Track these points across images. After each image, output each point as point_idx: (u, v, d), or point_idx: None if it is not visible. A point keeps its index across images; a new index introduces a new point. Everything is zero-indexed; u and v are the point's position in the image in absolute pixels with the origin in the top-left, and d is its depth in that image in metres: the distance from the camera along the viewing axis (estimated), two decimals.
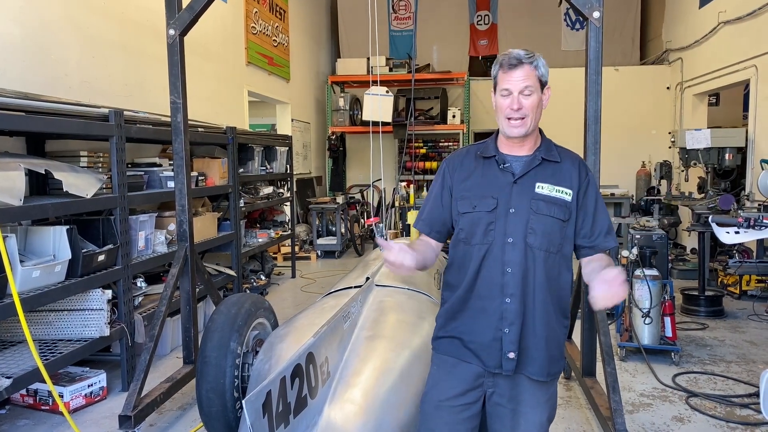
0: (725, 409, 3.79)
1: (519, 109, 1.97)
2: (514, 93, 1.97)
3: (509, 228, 1.98)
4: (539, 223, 1.98)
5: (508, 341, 1.98)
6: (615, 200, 10.00)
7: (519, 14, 12.28)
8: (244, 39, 8.18)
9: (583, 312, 3.69)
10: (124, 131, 3.97)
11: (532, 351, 2.01)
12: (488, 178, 2.06)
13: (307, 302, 6.11)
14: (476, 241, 2.02)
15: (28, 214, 3.22)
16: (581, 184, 2.05)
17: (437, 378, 2.12)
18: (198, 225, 4.88)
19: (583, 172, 2.07)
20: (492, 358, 2.01)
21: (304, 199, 10.37)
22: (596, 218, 2.06)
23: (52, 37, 4.43)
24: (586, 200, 2.06)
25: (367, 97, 9.78)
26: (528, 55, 1.99)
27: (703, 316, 5.79)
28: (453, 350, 2.09)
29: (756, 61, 7.05)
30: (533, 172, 2.03)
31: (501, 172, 2.04)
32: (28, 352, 3.32)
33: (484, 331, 2.02)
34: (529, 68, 1.97)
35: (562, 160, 2.07)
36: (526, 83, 1.96)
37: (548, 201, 2.00)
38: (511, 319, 1.98)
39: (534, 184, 2.01)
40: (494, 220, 2.00)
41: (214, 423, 2.98)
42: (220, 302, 3.34)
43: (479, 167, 2.09)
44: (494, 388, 2.05)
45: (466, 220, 2.05)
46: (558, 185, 2.02)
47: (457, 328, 2.08)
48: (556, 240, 2.00)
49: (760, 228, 4.89)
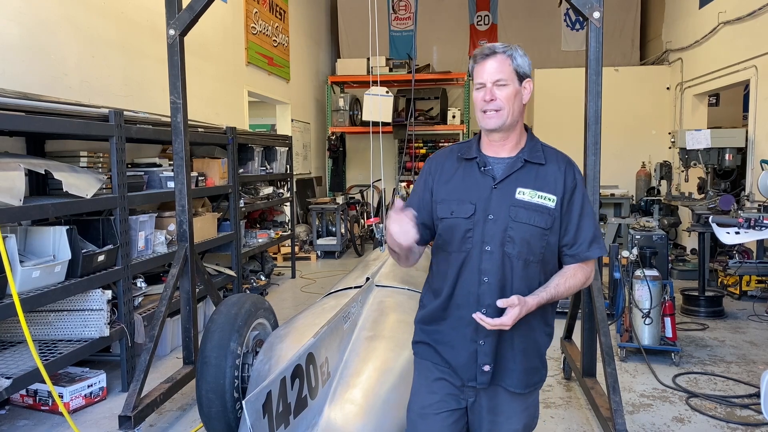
0: (725, 409, 3.78)
1: (492, 101, 1.86)
2: (488, 84, 1.87)
3: (487, 235, 1.87)
4: (518, 231, 1.86)
5: (483, 353, 1.89)
6: (615, 200, 9.99)
7: (519, 14, 12.28)
8: (244, 39, 8.18)
9: (583, 312, 3.69)
10: (124, 131, 3.97)
11: (509, 363, 1.93)
12: (468, 181, 1.94)
13: (307, 302, 6.11)
14: (453, 248, 1.92)
15: (28, 215, 3.22)
16: (566, 188, 1.92)
17: (418, 385, 2.05)
18: (198, 225, 4.88)
19: (569, 176, 1.94)
20: (467, 370, 1.92)
21: (304, 200, 10.37)
22: (581, 225, 1.92)
23: (51, 37, 4.43)
24: (572, 206, 1.92)
25: (367, 97, 9.79)
26: (504, 46, 1.90)
27: (703, 317, 5.79)
28: (431, 356, 2.01)
29: (756, 61, 7.05)
30: (515, 176, 1.90)
31: (481, 175, 1.92)
32: (28, 353, 3.32)
33: (459, 343, 1.93)
34: (503, 58, 1.87)
35: (548, 162, 1.94)
36: (500, 75, 1.86)
37: (528, 208, 1.87)
38: (487, 331, 1.86)
39: (515, 190, 1.89)
40: (472, 227, 1.88)
41: (214, 423, 2.98)
42: (220, 302, 3.34)
43: (460, 169, 1.97)
44: (475, 397, 1.97)
45: (444, 225, 1.94)
46: (541, 190, 1.89)
47: (432, 335, 2.00)
48: (536, 249, 1.88)
49: (760, 228, 4.88)
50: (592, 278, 2.06)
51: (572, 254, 1.94)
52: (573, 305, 4.07)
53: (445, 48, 12.56)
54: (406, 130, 9.89)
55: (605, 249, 2.05)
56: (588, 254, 1.93)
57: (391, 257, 2.07)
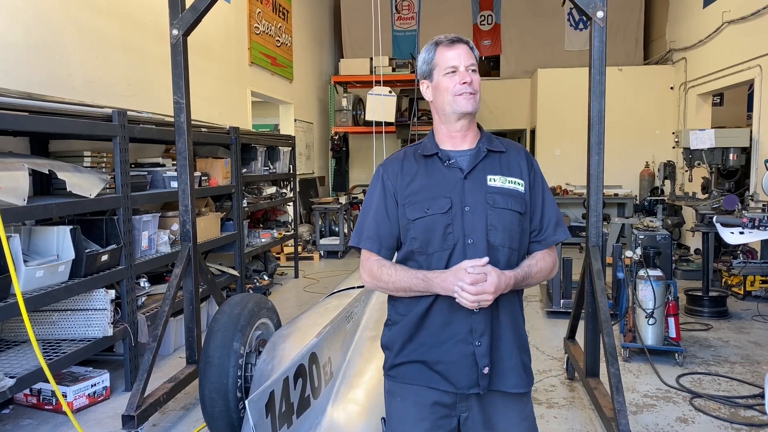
0: (729, 410, 3.77)
1: (471, 83, 1.82)
2: (461, 68, 1.83)
3: (467, 228, 1.79)
4: (498, 218, 1.80)
5: (481, 355, 1.78)
6: (618, 200, 9.98)
7: (522, 14, 12.25)
8: (247, 39, 8.19)
9: (586, 312, 3.68)
10: (127, 131, 3.98)
11: (507, 361, 1.83)
12: (435, 177, 1.85)
13: (310, 302, 6.11)
14: (434, 248, 1.80)
15: (31, 214, 3.23)
16: (530, 173, 1.90)
17: (403, 412, 1.87)
18: (201, 225, 4.89)
19: (530, 162, 1.92)
20: (465, 377, 1.79)
21: (307, 200, 10.38)
22: (545, 210, 1.91)
23: (55, 37, 4.44)
24: (535, 191, 1.89)
25: (370, 97, 9.78)
26: (463, 36, 1.89)
27: (707, 317, 5.77)
28: (417, 377, 1.84)
29: (760, 60, 7.02)
30: (481, 165, 1.85)
31: (447, 169, 1.85)
32: (32, 352, 3.33)
33: (451, 348, 1.80)
34: (468, 48, 1.87)
35: (508, 150, 1.91)
36: (471, 59, 1.85)
37: (503, 193, 1.83)
38: (482, 330, 1.78)
39: (485, 177, 1.84)
40: (451, 222, 1.80)
41: (217, 423, 2.98)
42: (223, 302, 3.34)
43: (422, 168, 1.88)
44: (468, 411, 1.84)
45: (419, 226, 1.81)
46: (509, 176, 1.86)
47: (417, 350, 1.84)
48: (516, 235, 1.83)
49: (764, 228, 4.87)
50: (557, 266, 2.00)
51: (539, 240, 1.91)
52: (576, 305, 4.06)
53: None
54: (409, 129, 9.90)
55: (568, 232, 1.98)
56: (555, 238, 1.91)
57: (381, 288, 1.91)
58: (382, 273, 1.83)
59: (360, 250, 1.92)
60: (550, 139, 10.87)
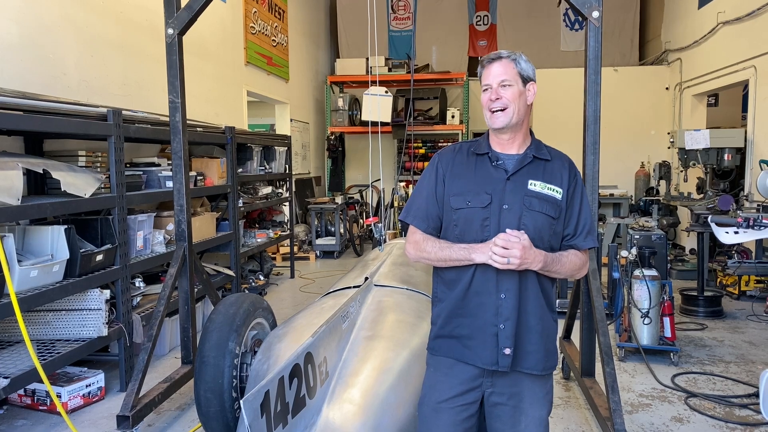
0: (724, 409, 3.78)
1: (498, 99, 2.02)
2: (493, 85, 2.04)
3: (503, 224, 2.00)
4: (531, 219, 2.01)
5: (504, 337, 2.00)
6: (614, 200, 10.00)
7: (518, 15, 12.28)
8: (243, 39, 8.18)
9: (582, 312, 3.69)
10: (122, 131, 3.97)
11: (528, 345, 2.03)
12: (481, 174, 2.08)
13: (305, 302, 6.10)
14: (471, 237, 2.03)
15: (26, 214, 3.21)
16: (570, 183, 2.10)
17: (434, 380, 2.13)
18: (196, 225, 4.88)
19: (572, 172, 2.13)
20: (488, 355, 2.02)
21: (303, 200, 10.37)
22: (580, 218, 2.11)
23: (50, 36, 4.43)
24: (574, 200, 2.10)
25: (366, 97, 9.78)
26: (509, 53, 2.07)
27: (702, 317, 5.79)
28: (451, 351, 2.09)
29: (755, 61, 7.05)
30: (525, 169, 2.07)
31: (494, 168, 2.07)
32: (26, 352, 3.31)
33: (481, 328, 2.03)
34: (507, 62, 2.04)
35: (553, 158, 2.13)
36: (504, 76, 2.03)
37: (540, 198, 2.04)
38: (507, 315, 2.00)
39: (527, 181, 2.05)
40: (489, 216, 2.02)
41: (212, 423, 2.97)
42: (219, 302, 3.33)
43: (472, 163, 2.11)
44: (493, 387, 2.06)
45: (460, 216, 2.06)
46: (549, 183, 2.06)
47: (457, 327, 2.08)
48: (545, 236, 2.04)
49: (759, 228, 4.89)
50: (587, 268, 2.20)
51: (571, 244, 2.11)
52: (572, 305, 4.07)
53: (444, 48, 12.56)
54: (405, 130, 9.89)
55: (597, 242, 2.22)
56: (584, 244, 2.11)
57: (415, 256, 2.13)
58: (427, 245, 2.07)
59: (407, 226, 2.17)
60: (545, 139, 10.51)
